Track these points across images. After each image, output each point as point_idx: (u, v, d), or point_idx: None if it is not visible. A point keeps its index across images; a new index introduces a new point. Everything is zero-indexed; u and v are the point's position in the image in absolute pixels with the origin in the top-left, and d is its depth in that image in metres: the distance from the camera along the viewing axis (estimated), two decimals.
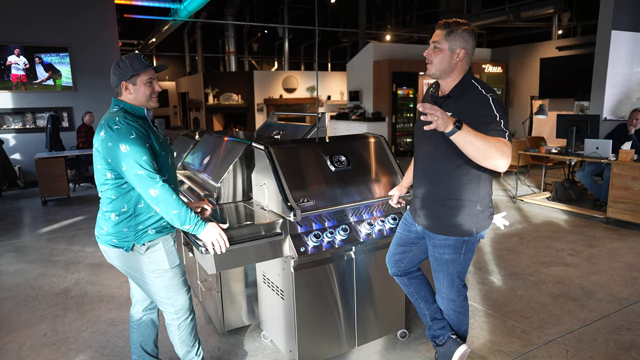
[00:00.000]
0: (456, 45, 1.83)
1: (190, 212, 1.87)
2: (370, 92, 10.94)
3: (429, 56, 1.89)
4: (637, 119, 5.28)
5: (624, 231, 4.75)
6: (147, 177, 1.80)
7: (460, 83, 1.89)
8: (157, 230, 1.97)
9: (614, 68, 6.72)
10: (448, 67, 1.86)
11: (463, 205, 1.92)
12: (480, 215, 1.95)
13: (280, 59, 19.92)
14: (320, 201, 2.23)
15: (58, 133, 7.51)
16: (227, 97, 14.33)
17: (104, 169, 1.88)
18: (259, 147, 2.36)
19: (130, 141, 1.81)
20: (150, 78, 1.95)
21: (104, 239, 1.96)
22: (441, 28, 1.85)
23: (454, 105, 1.85)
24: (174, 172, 2.08)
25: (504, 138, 1.71)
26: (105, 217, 1.94)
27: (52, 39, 7.84)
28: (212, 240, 1.89)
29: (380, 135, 2.66)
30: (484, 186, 1.94)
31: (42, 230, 5.25)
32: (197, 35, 16.21)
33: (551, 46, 11.21)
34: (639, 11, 6.68)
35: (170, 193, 1.83)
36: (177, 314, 2.07)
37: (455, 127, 1.62)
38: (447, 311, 2.19)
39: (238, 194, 2.62)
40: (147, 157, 1.83)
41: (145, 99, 1.95)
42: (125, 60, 1.91)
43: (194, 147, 3.57)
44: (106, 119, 1.88)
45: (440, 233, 1.99)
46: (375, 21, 17.39)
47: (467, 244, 1.98)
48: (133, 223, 1.92)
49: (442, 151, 1.88)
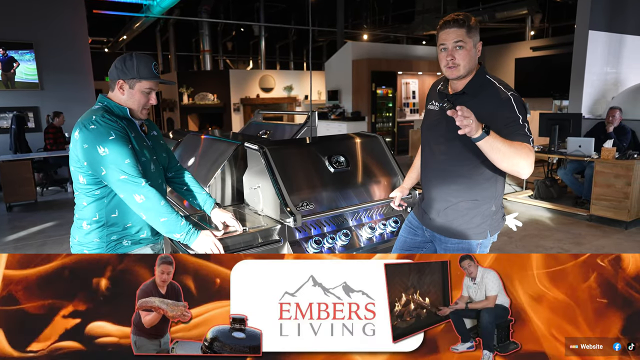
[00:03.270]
0: (477, 40, 1.74)
1: (180, 220, 1.70)
2: (349, 92, 10.86)
3: (455, 59, 1.71)
4: (613, 117, 5.37)
5: (607, 228, 4.80)
6: (130, 181, 1.64)
7: (476, 78, 1.77)
8: (133, 242, 1.79)
9: (590, 68, 6.84)
10: (473, 65, 1.75)
11: (478, 206, 1.82)
12: (494, 217, 1.86)
13: (256, 58, 19.65)
14: (319, 205, 2.09)
15: (23, 134, 7.09)
16: (203, 96, 13.99)
17: (77, 172, 1.72)
18: (253, 147, 2.20)
19: (110, 143, 1.63)
20: (151, 88, 1.76)
21: (75, 249, 1.79)
22: (458, 26, 1.70)
23: (472, 103, 1.69)
24: (161, 178, 1.89)
25: (528, 143, 1.63)
26: (77, 225, 1.78)
27: (16, 35, 7.40)
28: (207, 251, 1.72)
29: (377, 135, 2.55)
30: (499, 185, 1.85)
31: (7, 238, 4.90)
32: (170, 33, 15.78)
33: (525, 46, 11.43)
34: (614, 12, 6.83)
35: (157, 198, 1.66)
36: None
37: (484, 132, 1.53)
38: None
39: (227, 197, 2.45)
40: (130, 160, 1.65)
41: (137, 107, 1.76)
42: (135, 60, 1.71)
43: (175, 148, 3.36)
44: (82, 117, 1.70)
45: (453, 237, 1.87)
46: (351, 20, 17.35)
47: (481, 248, 1.88)
48: (106, 233, 1.75)
49: (458, 151, 1.77)
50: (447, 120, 1.71)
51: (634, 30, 7.20)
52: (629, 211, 4.66)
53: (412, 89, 11.67)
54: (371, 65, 10.39)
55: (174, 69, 15.76)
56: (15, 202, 6.30)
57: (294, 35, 20.10)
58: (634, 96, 6.44)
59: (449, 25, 1.72)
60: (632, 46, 7.27)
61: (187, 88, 13.74)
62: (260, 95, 14.73)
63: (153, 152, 1.85)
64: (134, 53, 1.75)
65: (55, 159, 6.87)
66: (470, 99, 1.74)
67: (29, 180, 6.19)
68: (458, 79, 1.78)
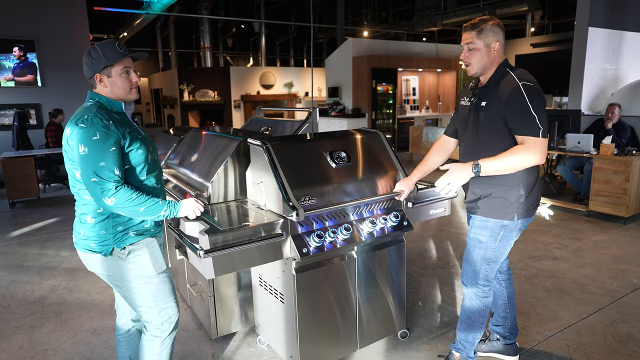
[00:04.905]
0: (490, 40, 1.92)
1: (157, 200, 1.73)
2: (350, 88, 10.87)
3: (466, 59, 1.96)
4: (612, 113, 5.40)
5: (605, 224, 4.84)
6: (99, 184, 1.63)
7: (496, 72, 1.96)
8: (138, 233, 1.80)
9: (590, 64, 6.86)
10: (488, 62, 1.95)
11: (506, 189, 1.96)
12: (523, 201, 1.98)
13: (256, 55, 19.63)
14: (321, 199, 2.13)
15: (26, 131, 7.12)
16: (203, 93, 13.99)
17: (73, 168, 1.72)
18: (255, 143, 2.24)
19: (91, 143, 1.62)
20: (126, 67, 1.75)
21: (81, 244, 1.79)
22: (469, 30, 1.93)
23: (490, 94, 1.94)
24: (158, 170, 1.91)
25: (536, 136, 1.81)
26: (81, 220, 1.78)
27: (17, 32, 7.41)
28: (193, 210, 1.84)
29: (378, 131, 2.58)
30: (530, 172, 1.98)
31: (11, 234, 4.94)
32: (171, 29, 15.76)
33: (526, 43, 11.43)
34: (614, 9, 6.84)
35: (127, 195, 1.66)
36: (163, 326, 1.89)
37: (475, 173, 1.86)
38: (466, 298, 2.18)
39: (230, 193, 2.48)
40: (106, 163, 1.63)
41: (123, 92, 1.77)
42: (98, 49, 1.71)
43: (178, 145, 3.40)
44: (76, 114, 1.71)
45: (480, 214, 2.04)
46: (351, 17, 17.33)
47: (505, 230, 2.00)
48: (111, 224, 1.75)
49: (486, 141, 1.97)
50: (476, 113, 1.99)
51: (634, 27, 7.22)
52: (628, 207, 4.69)
53: (412, 86, 11.68)
54: (371, 62, 10.40)
55: (175, 65, 15.75)
56: (18, 199, 6.34)
57: (294, 32, 20.07)
58: (633, 93, 6.46)
59: (464, 30, 1.97)
60: (631, 43, 7.29)
61: (188, 85, 13.74)
62: (261, 92, 14.73)
63: (149, 142, 1.86)
64: (96, 43, 1.75)
65: (57, 156, 6.90)
66: (490, 90, 1.96)
67: (32, 177, 6.22)
68: (476, 76, 2.03)
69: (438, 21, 12.12)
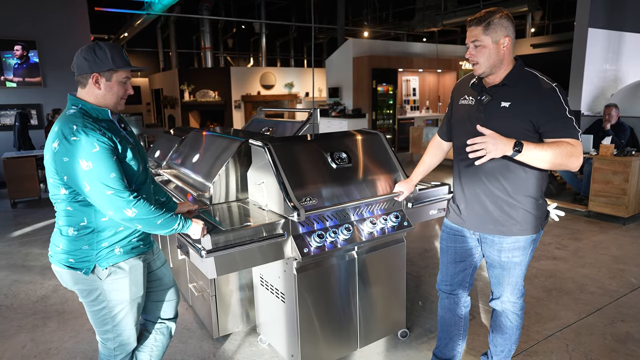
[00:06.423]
0: (499, 36, 1.70)
1: (170, 214, 1.68)
2: (350, 89, 10.89)
3: (473, 57, 1.74)
4: (609, 115, 5.41)
5: (604, 224, 4.86)
6: (117, 197, 1.53)
7: (515, 70, 1.75)
8: (125, 251, 1.68)
9: (589, 65, 6.87)
10: (497, 60, 1.73)
11: (529, 200, 1.80)
12: (542, 209, 1.85)
13: (257, 55, 19.65)
14: (321, 200, 2.14)
15: (27, 131, 7.15)
16: (204, 93, 14.01)
17: (58, 184, 1.58)
18: (257, 144, 2.25)
19: (93, 156, 1.50)
20: (127, 77, 1.67)
21: (57, 257, 1.65)
22: (475, 24, 1.70)
23: (513, 92, 1.72)
24: (149, 178, 1.84)
25: (575, 138, 1.64)
26: (61, 232, 1.64)
27: (18, 32, 7.43)
28: (198, 235, 1.79)
29: (378, 132, 2.60)
30: (545, 177, 1.83)
31: (13, 234, 4.96)
32: (171, 30, 15.78)
33: (526, 44, 11.43)
34: (614, 10, 6.86)
35: (147, 207, 1.59)
36: (116, 351, 1.79)
37: (515, 151, 1.59)
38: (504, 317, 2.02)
39: (232, 193, 2.50)
40: (116, 174, 1.54)
41: (114, 100, 1.65)
42: (106, 50, 1.59)
43: (180, 145, 3.42)
44: (60, 125, 1.54)
45: (510, 234, 1.83)
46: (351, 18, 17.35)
47: (534, 242, 1.87)
48: (96, 239, 1.62)
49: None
50: (489, 113, 1.76)
51: (633, 28, 7.23)
52: (627, 207, 4.71)
53: (412, 86, 11.70)
54: (372, 62, 10.42)
55: (175, 66, 15.77)
56: (20, 199, 6.37)
57: (294, 32, 20.08)
58: (633, 93, 6.47)
59: (469, 24, 1.75)
60: (631, 43, 7.30)
61: (188, 85, 13.77)
62: (261, 92, 14.76)
63: (137, 150, 1.74)
64: (102, 42, 1.64)
65: None
66: (512, 88, 1.74)
67: (33, 177, 6.24)
68: (483, 76, 1.79)
69: (438, 21, 12.14)
